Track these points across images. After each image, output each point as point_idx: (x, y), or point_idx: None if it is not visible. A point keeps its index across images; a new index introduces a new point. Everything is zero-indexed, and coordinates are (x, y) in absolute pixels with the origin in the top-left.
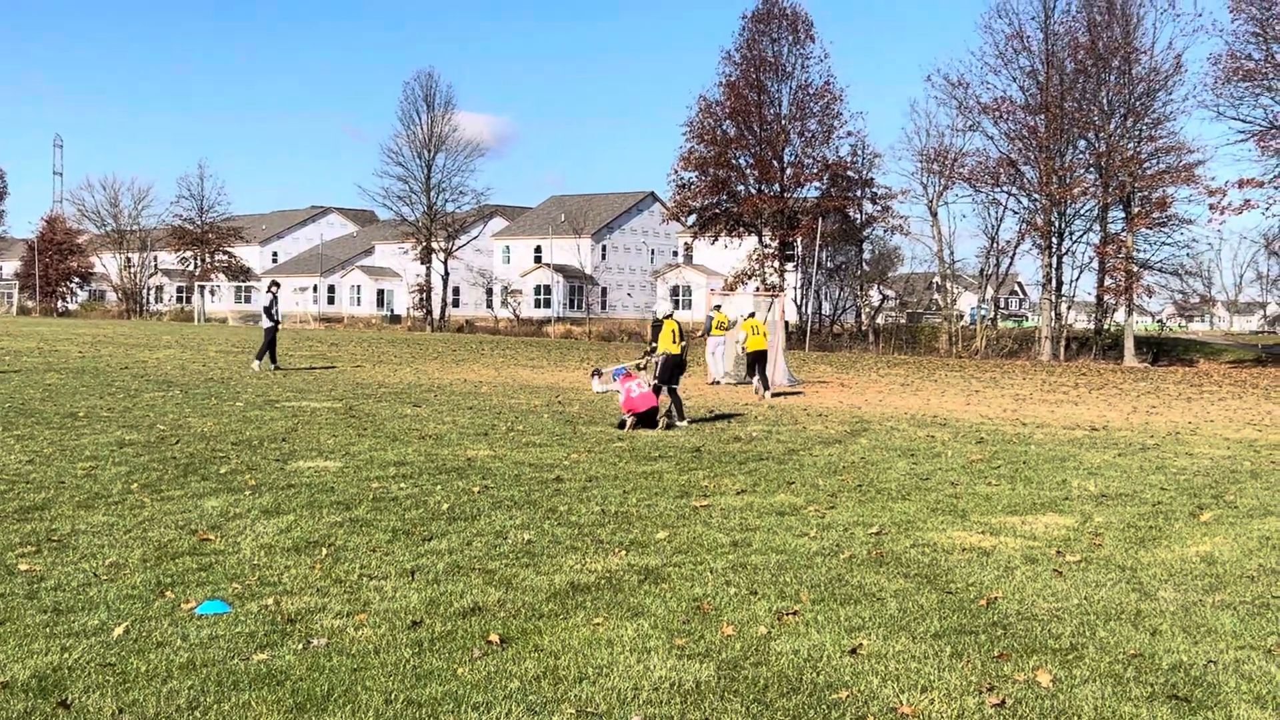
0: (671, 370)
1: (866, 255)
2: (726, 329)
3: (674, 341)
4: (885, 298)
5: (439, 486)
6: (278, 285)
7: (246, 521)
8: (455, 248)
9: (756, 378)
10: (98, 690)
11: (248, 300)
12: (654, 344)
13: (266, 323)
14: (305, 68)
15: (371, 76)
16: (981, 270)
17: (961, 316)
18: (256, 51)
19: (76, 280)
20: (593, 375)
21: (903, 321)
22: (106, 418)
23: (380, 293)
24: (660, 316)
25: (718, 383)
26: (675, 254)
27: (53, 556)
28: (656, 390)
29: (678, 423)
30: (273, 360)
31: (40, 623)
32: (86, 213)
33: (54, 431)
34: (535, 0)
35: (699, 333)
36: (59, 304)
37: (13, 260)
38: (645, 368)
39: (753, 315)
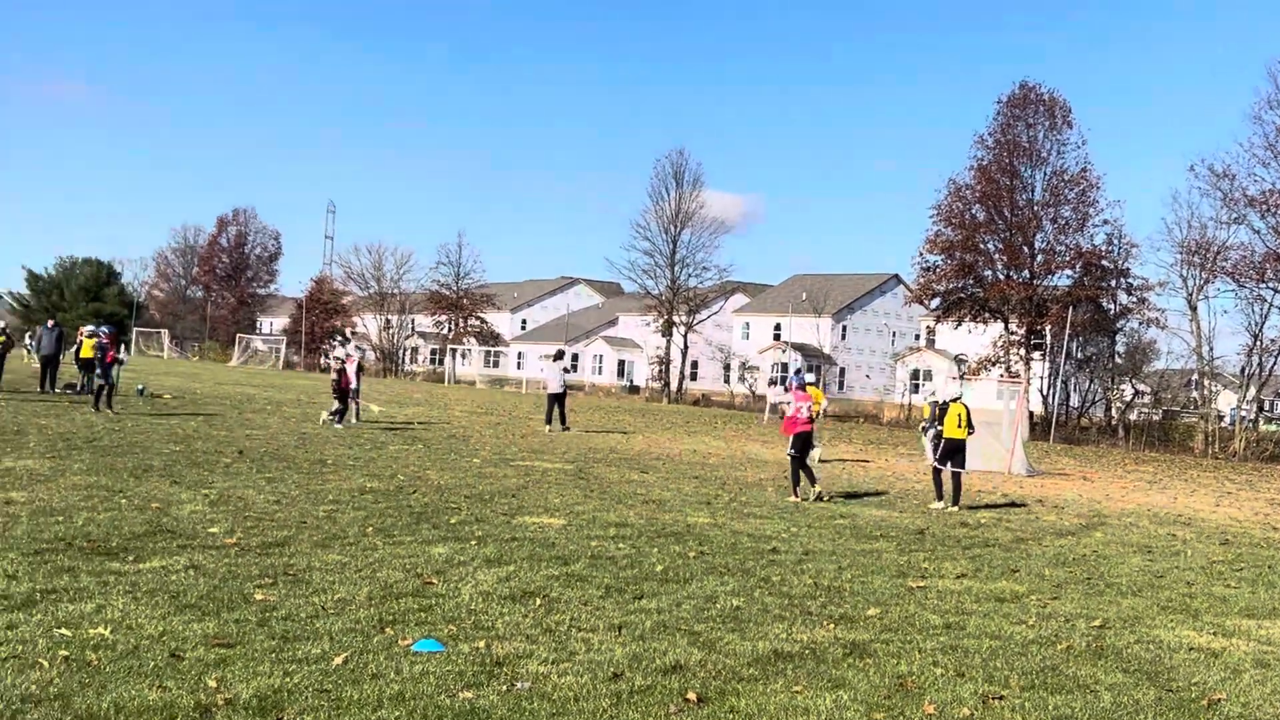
0: (950, 453)
1: (1119, 348)
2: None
3: (959, 426)
4: (1138, 392)
5: (655, 549)
6: (563, 355)
7: (469, 569)
8: (696, 322)
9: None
10: (312, 713)
11: (496, 365)
12: (939, 425)
13: (556, 388)
14: (555, 142)
15: (617, 154)
16: (1243, 369)
17: (1221, 417)
18: (509, 130)
19: (339, 338)
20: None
21: (1156, 418)
22: (351, 466)
23: (621, 363)
24: (947, 399)
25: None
26: (917, 337)
27: (287, 589)
28: (935, 471)
29: (935, 505)
30: (553, 420)
31: (268, 648)
32: (352, 275)
33: (302, 476)
34: (785, 85)
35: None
36: (321, 360)
37: (282, 317)
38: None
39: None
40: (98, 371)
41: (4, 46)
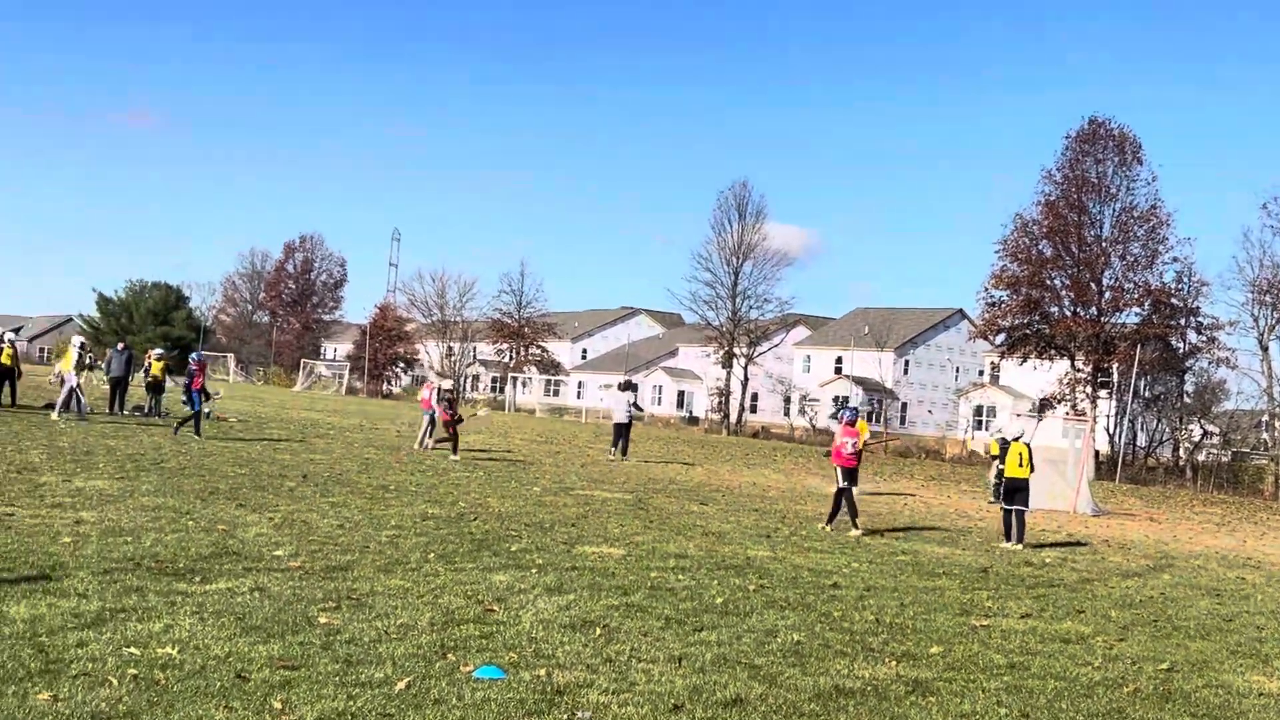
0: (1011, 492)
1: (1188, 387)
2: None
3: (1019, 465)
4: (1207, 433)
5: (715, 581)
6: (630, 385)
7: (529, 597)
8: (756, 354)
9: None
10: None
11: (556, 394)
12: (1001, 464)
13: (622, 418)
14: (618, 172)
15: (680, 184)
16: None
17: None
18: (572, 159)
19: (401, 365)
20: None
21: (1225, 460)
22: (414, 492)
23: (681, 394)
24: (1009, 438)
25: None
26: (981, 373)
27: (350, 613)
28: (1006, 514)
29: (1004, 544)
30: (616, 446)
31: (332, 671)
32: (416, 302)
33: (365, 501)
34: (848, 118)
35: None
36: (384, 386)
37: (346, 343)
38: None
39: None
40: (183, 399)
41: (78, 77)
